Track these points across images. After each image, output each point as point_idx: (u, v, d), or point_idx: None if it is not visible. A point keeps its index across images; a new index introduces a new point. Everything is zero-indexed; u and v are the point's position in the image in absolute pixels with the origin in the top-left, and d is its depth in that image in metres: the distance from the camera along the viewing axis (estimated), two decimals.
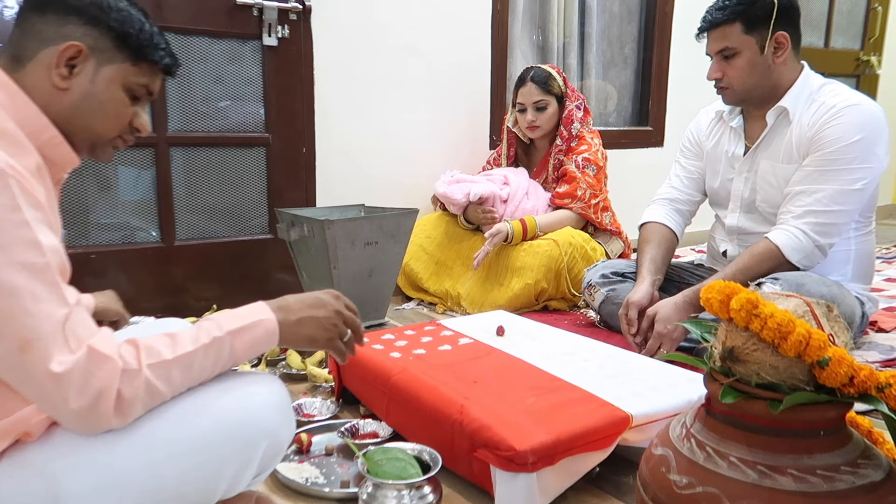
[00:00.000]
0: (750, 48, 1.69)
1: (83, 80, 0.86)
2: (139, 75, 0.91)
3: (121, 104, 0.90)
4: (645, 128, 3.40)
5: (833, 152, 1.64)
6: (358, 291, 1.99)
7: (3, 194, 0.72)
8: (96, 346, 0.76)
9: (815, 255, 1.66)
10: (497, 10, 2.74)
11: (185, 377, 0.82)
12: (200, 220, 2.24)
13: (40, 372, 0.73)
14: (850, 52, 4.21)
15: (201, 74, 2.17)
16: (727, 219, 1.91)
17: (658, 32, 3.31)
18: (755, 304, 0.75)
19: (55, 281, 0.76)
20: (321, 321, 0.93)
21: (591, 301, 2.01)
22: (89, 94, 0.87)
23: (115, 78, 0.89)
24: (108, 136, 0.91)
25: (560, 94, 2.41)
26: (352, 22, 2.39)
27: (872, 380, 0.73)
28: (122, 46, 0.88)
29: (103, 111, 0.89)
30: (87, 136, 0.89)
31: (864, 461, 0.76)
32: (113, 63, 0.88)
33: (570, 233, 2.27)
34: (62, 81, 0.85)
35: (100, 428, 0.77)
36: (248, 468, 0.86)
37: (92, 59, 0.87)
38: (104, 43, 0.87)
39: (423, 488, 1.01)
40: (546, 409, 1.15)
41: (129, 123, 0.93)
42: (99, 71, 0.87)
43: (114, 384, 0.76)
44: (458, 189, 2.37)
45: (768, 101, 1.75)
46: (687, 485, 0.77)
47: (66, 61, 0.85)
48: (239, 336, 0.86)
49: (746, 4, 1.67)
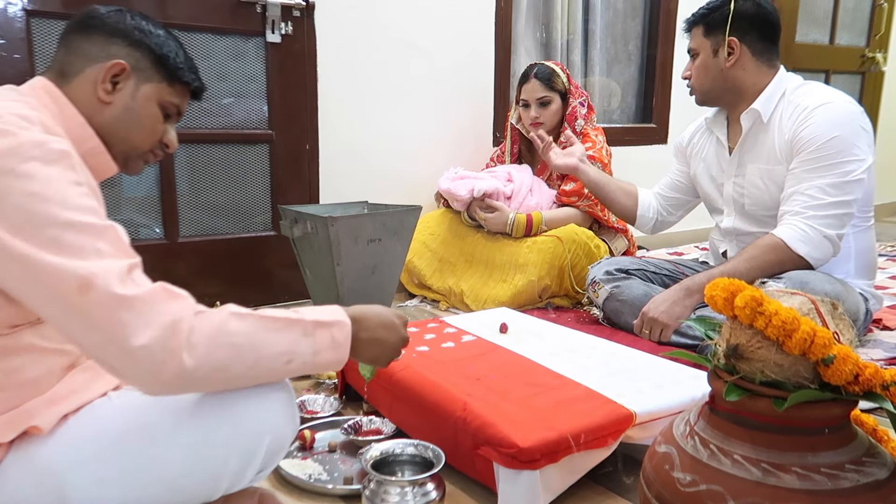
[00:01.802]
0: (705, 50, 1.80)
1: (125, 95, 0.95)
2: (173, 95, 1.00)
3: (156, 119, 0.99)
4: (649, 125, 3.39)
5: (813, 151, 1.65)
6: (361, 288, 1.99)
7: (68, 171, 0.77)
8: (167, 286, 0.76)
9: (824, 246, 1.64)
10: (501, 6, 2.73)
11: (261, 342, 0.80)
12: (204, 216, 2.25)
13: (104, 299, 0.71)
14: (855, 48, 4.19)
15: (205, 71, 2.13)
16: (723, 222, 1.93)
17: (662, 29, 3.30)
18: (760, 302, 0.75)
19: (119, 239, 0.78)
20: (388, 345, 0.94)
21: (594, 298, 2.01)
22: (129, 109, 0.95)
23: (153, 95, 0.97)
24: (142, 148, 0.99)
25: (563, 91, 2.41)
26: (355, 19, 2.38)
27: (877, 378, 0.73)
28: (161, 67, 0.97)
29: (140, 125, 0.97)
30: (124, 147, 0.96)
31: (868, 459, 0.76)
32: (151, 82, 0.97)
33: (574, 229, 2.27)
34: (106, 96, 0.93)
35: (169, 368, 0.73)
36: (250, 464, 0.86)
37: (133, 77, 0.95)
38: (145, 63, 0.96)
39: (427, 485, 1.01)
40: (549, 406, 1.15)
41: (159, 139, 1.01)
42: (139, 88, 0.96)
43: (186, 315, 0.75)
44: (462, 185, 2.37)
45: (737, 104, 1.81)
46: (690, 482, 0.77)
47: (111, 77, 0.93)
48: (319, 329, 0.85)
49: (711, 9, 1.78)
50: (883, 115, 4.32)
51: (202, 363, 0.75)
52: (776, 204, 1.74)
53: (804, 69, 3.87)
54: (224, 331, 0.77)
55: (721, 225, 1.94)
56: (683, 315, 1.69)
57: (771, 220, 1.76)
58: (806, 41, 3.90)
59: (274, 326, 0.81)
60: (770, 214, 1.78)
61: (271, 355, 0.81)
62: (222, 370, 0.78)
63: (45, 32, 1.90)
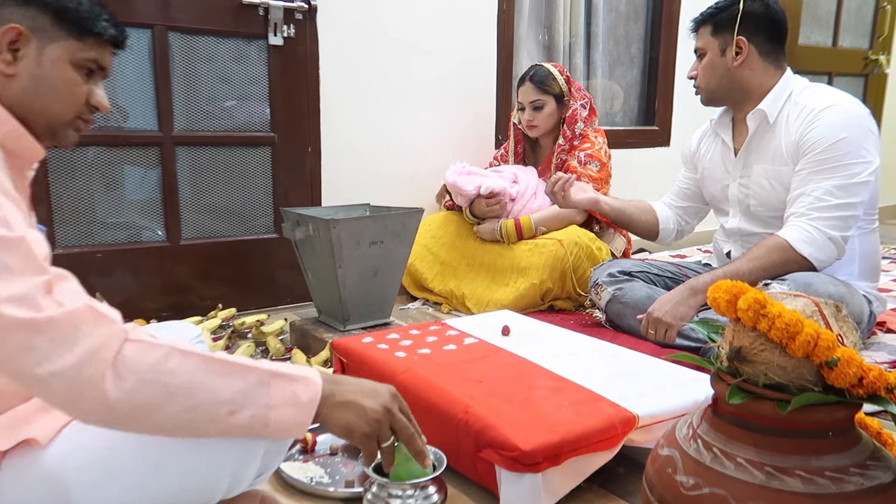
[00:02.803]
0: (712, 49, 1.79)
1: (29, 63, 0.84)
2: (86, 50, 0.87)
3: (72, 83, 0.87)
4: (651, 127, 3.39)
5: (821, 153, 1.64)
6: (363, 291, 1.99)
7: None
8: (96, 305, 0.68)
9: (828, 248, 1.63)
10: (503, 9, 2.73)
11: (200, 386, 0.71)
12: (206, 219, 2.25)
13: (10, 325, 0.64)
14: (858, 51, 4.18)
15: (207, 74, 2.17)
16: (728, 222, 1.93)
17: (664, 31, 3.30)
18: (763, 304, 0.75)
19: (33, 254, 0.69)
20: (367, 412, 0.81)
21: (597, 300, 2.00)
22: (38, 77, 0.84)
23: (62, 56, 0.86)
24: (65, 117, 0.88)
25: (559, 94, 2.40)
26: (358, 21, 2.39)
27: (882, 380, 0.73)
28: (63, 22, 0.85)
29: (55, 92, 0.86)
30: (44, 121, 0.86)
31: (873, 463, 0.75)
32: (56, 41, 0.85)
33: (576, 232, 2.27)
34: (8, 67, 0.83)
35: (87, 399, 0.66)
36: (248, 468, 0.84)
37: (34, 40, 0.84)
38: (43, 22, 0.84)
39: (428, 488, 1.01)
40: (551, 409, 1.14)
41: (85, 102, 0.89)
42: (43, 51, 0.84)
43: (113, 342, 0.67)
44: (469, 181, 2.35)
45: (743, 105, 1.81)
46: (693, 486, 0.76)
47: (7, 45, 0.82)
48: (277, 380, 0.75)
49: (719, 8, 1.78)
50: (886, 118, 4.31)
51: (126, 398, 0.68)
52: (782, 205, 1.74)
53: (807, 71, 3.86)
54: (159, 368, 0.70)
55: (726, 225, 1.94)
56: (688, 315, 1.68)
57: (776, 222, 1.76)
58: (809, 43, 3.90)
59: (222, 370, 0.73)
60: (775, 215, 1.77)
61: (212, 402, 0.72)
62: (150, 410, 0.70)
63: None
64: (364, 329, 1.95)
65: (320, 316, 2.10)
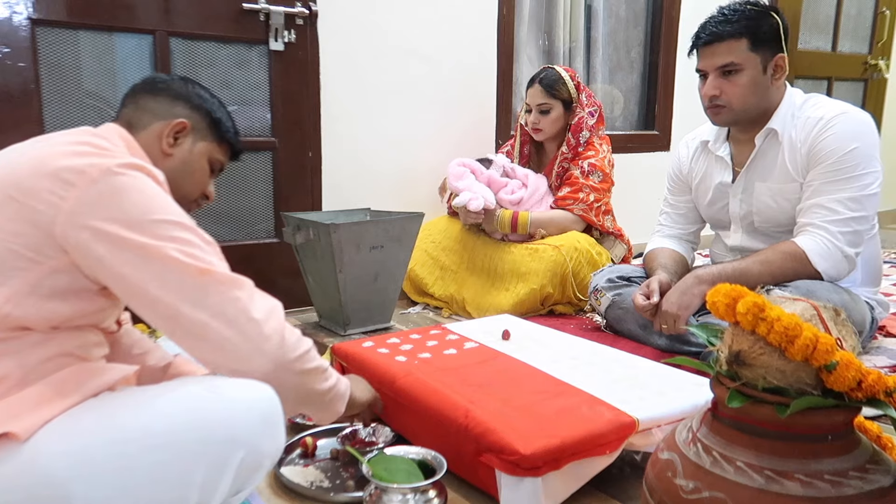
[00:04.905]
0: (754, 66, 1.64)
1: (183, 150, 1.09)
2: (220, 153, 1.15)
3: (205, 173, 1.13)
4: (651, 132, 3.39)
5: (834, 163, 1.62)
6: (363, 295, 1.99)
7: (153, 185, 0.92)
8: None
9: (841, 265, 1.62)
10: (503, 14, 2.74)
11: None
12: (207, 223, 2.24)
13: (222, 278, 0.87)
14: (857, 56, 4.19)
15: (208, 79, 2.17)
16: (729, 239, 1.89)
17: (664, 36, 3.31)
18: (762, 308, 0.75)
19: (209, 241, 0.92)
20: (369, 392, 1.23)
21: (597, 305, 2.00)
22: (185, 161, 1.09)
23: (205, 152, 1.12)
24: (191, 196, 1.12)
25: (567, 99, 2.38)
26: (358, 27, 2.39)
27: (881, 384, 0.73)
28: (215, 129, 1.12)
29: (192, 176, 1.11)
30: (176, 195, 1.01)
31: (872, 466, 0.75)
32: (205, 140, 1.12)
33: (576, 237, 2.27)
34: (169, 148, 1.07)
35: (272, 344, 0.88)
36: (221, 478, 0.83)
37: (192, 134, 1.10)
38: (202, 124, 1.11)
39: (429, 492, 1.01)
40: (551, 413, 1.15)
41: (203, 191, 1.14)
42: (195, 144, 1.11)
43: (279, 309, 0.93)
44: (475, 203, 2.29)
45: (757, 124, 1.73)
46: (693, 489, 0.77)
47: (174, 133, 1.07)
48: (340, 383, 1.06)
49: (755, 20, 1.63)
50: (886, 122, 4.32)
51: (293, 346, 0.91)
52: (789, 220, 1.72)
53: (807, 76, 3.88)
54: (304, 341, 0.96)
55: (727, 241, 1.90)
56: (693, 303, 1.65)
57: (782, 236, 1.74)
58: (808, 48, 3.91)
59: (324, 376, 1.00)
60: (781, 230, 1.75)
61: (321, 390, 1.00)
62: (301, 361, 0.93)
63: (50, 41, 1.91)
64: (364, 333, 1.96)
65: (321, 320, 2.10)
